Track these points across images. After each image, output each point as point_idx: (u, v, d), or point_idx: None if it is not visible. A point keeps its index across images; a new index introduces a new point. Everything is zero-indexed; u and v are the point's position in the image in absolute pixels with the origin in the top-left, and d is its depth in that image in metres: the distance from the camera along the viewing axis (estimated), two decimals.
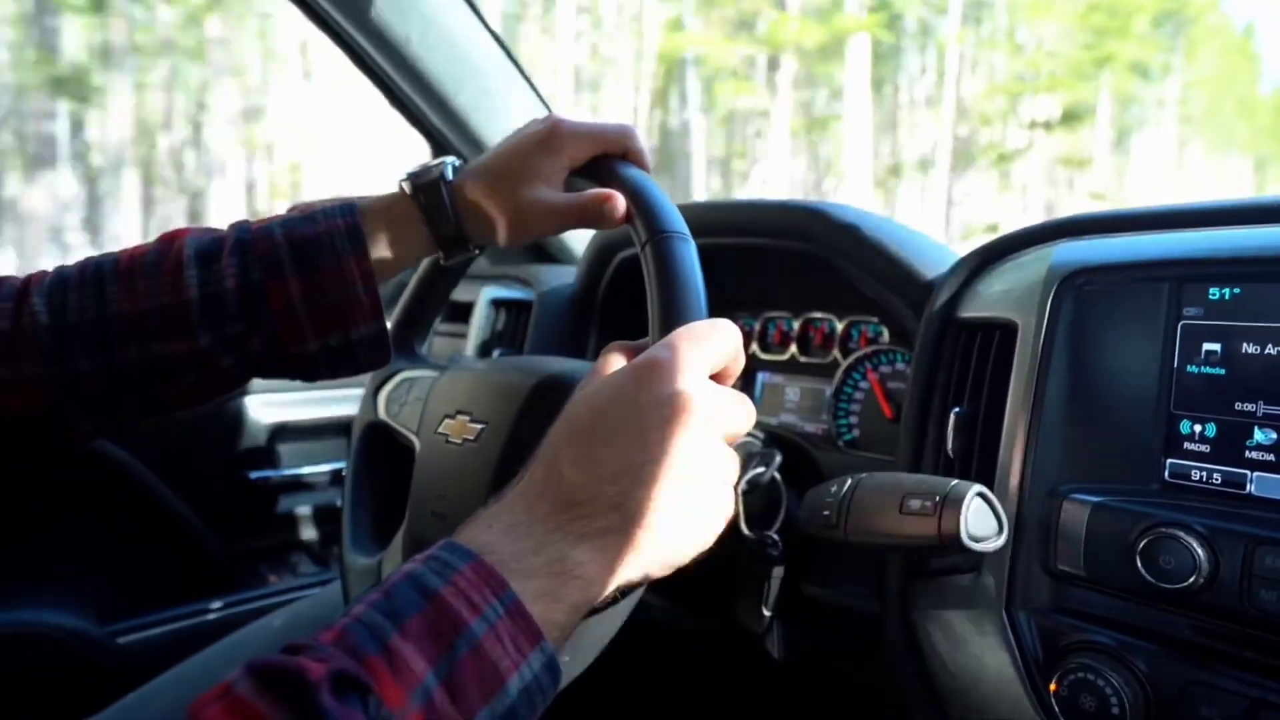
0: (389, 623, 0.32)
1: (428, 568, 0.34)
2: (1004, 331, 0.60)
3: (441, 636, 0.32)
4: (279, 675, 0.29)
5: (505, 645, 0.33)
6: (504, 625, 0.34)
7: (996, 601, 0.54)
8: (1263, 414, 0.48)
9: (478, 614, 0.33)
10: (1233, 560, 0.45)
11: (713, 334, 0.43)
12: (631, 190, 0.54)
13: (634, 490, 0.38)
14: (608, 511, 0.37)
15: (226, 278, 0.52)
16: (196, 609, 1.11)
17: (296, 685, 0.29)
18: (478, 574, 0.34)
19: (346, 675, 0.29)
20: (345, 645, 0.31)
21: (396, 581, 0.34)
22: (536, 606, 0.35)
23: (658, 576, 0.40)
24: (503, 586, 0.34)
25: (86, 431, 0.54)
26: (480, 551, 0.35)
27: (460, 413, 0.69)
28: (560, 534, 0.37)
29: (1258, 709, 0.43)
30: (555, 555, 0.36)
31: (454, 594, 0.33)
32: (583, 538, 0.37)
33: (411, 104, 1.04)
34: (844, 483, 0.54)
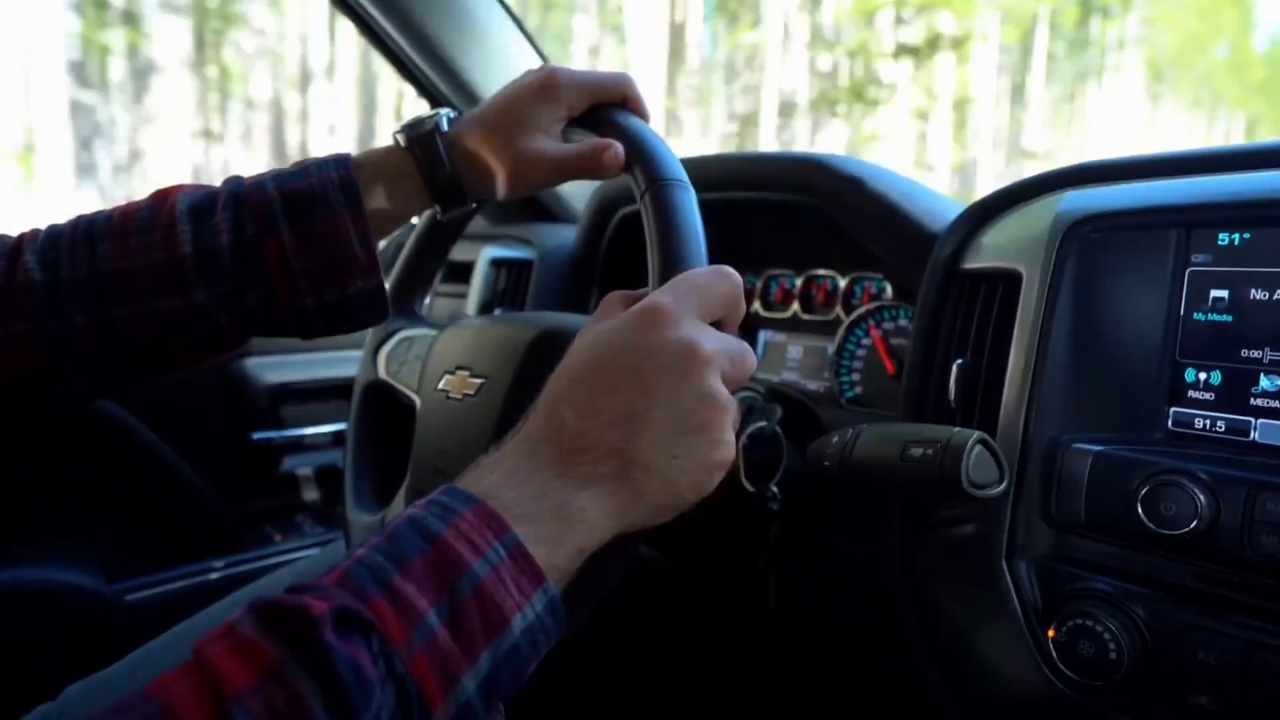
0: (391, 564, 0.32)
1: (429, 512, 0.35)
2: (1008, 282, 0.59)
3: (444, 577, 0.32)
4: (282, 613, 0.29)
5: (508, 586, 0.33)
6: (506, 567, 0.34)
7: (997, 551, 0.54)
8: (1269, 360, 0.48)
9: (480, 555, 0.33)
10: (1234, 506, 0.45)
11: (713, 280, 0.42)
12: (630, 139, 0.53)
13: (635, 435, 0.38)
14: (609, 457, 0.37)
15: (220, 233, 0.52)
16: (203, 567, 1.12)
17: (300, 622, 0.29)
18: (479, 517, 0.34)
19: (349, 612, 0.30)
20: (348, 585, 0.31)
21: (398, 525, 0.34)
22: (539, 550, 0.35)
23: (660, 521, 0.40)
24: (504, 529, 0.34)
25: (83, 390, 0.54)
26: (482, 496, 0.35)
27: (460, 368, 0.69)
28: (562, 480, 0.37)
29: (1255, 651, 0.43)
30: (557, 500, 0.36)
31: (456, 536, 0.33)
32: (585, 483, 0.37)
33: (406, 58, 1.02)
34: (846, 433, 0.54)
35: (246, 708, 0.27)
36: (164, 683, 0.28)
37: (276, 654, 0.28)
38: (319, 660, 0.28)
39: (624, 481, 0.38)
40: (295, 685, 0.28)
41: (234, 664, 0.28)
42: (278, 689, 0.27)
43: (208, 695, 0.27)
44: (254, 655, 0.28)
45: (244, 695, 0.27)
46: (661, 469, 0.38)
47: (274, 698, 0.27)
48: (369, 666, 0.29)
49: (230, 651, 0.29)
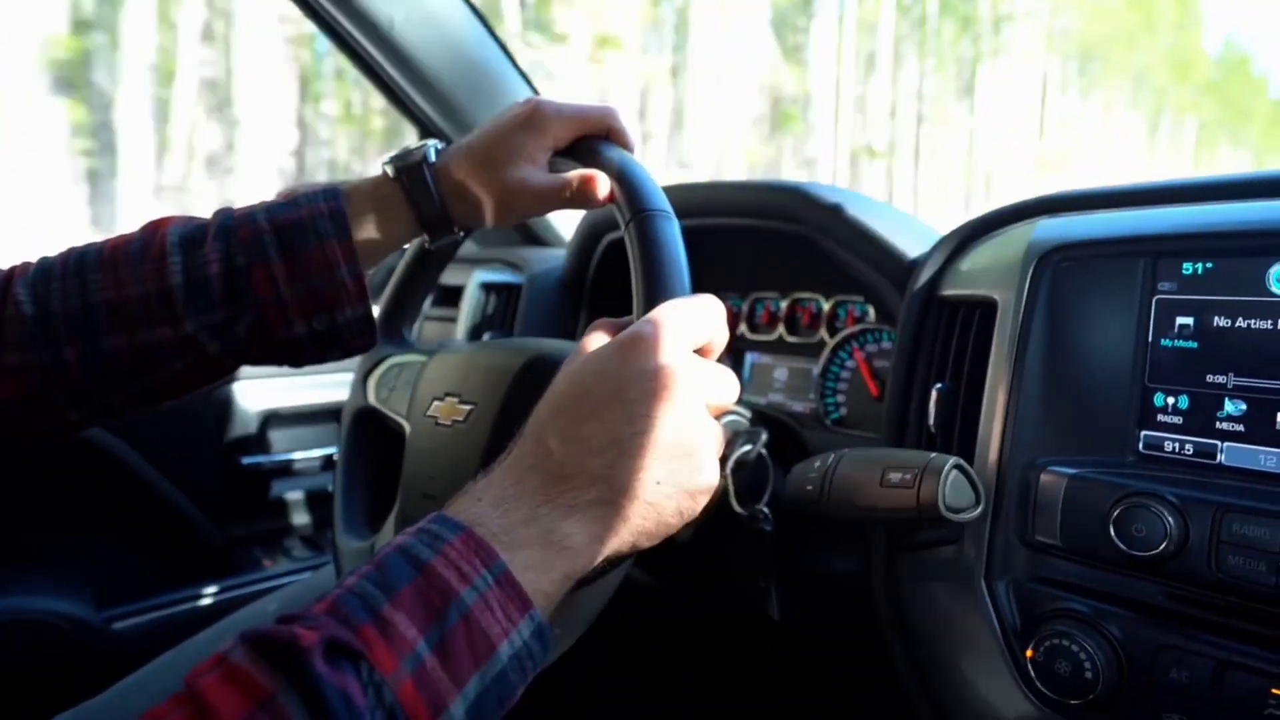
0: (381, 593, 0.33)
1: (418, 540, 0.35)
2: (985, 309, 0.60)
3: (432, 605, 0.33)
4: (273, 643, 0.30)
5: (495, 613, 0.34)
6: (494, 594, 0.34)
7: (976, 572, 0.55)
8: (1233, 386, 0.49)
9: (468, 583, 0.34)
10: (1202, 528, 0.46)
11: (695, 309, 0.44)
12: (615, 170, 0.54)
13: (620, 462, 0.38)
14: (595, 484, 0.38)
15: (210, 263, 0.53)
16: (191, 594, 1.12)
17: (290, 652, 0.29)
18: (467, 545, 0.35)
19: (339, 642, 0.30)
20: (338, 615, 0.32)
21: (388, 554, 0.35)
22: (526, 576, 0.36)
23: (646, 546, 0.41)
24: (493, 557, 0.35)
25: (74, 421, 0.54)
26: (470, 524, 0.36)
27: (449, 395, 0.70)
28: (549, 506, 0.38)
29: (1224, 669, 0.44)
30: (544, 527, 0.37)
31: (444, 564, 0.34)
32: (571, 510, 0.38)
33: (397, 87, 1.04)
34: (827, 458, 0.55)
35: None
36: (155, 715, 0.28)
37: (268, 684, 0.29)
38: (309, 690, 0.28)
39: (610, 507, 0.38)
40: (286, 714, 0.28)
41: (225, 694, 0.28)
42: (269, 719, 0.28)
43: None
44: (245, 685, 0.29)
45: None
46: (647, 495, 0.39)
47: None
48: (358, 695, 0.29)
49: (221, 682, 0.29)
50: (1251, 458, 0.48)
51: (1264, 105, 18.10)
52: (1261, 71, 19.39)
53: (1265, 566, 0.44)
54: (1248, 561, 0.44)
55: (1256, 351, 0.48)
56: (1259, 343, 0.48)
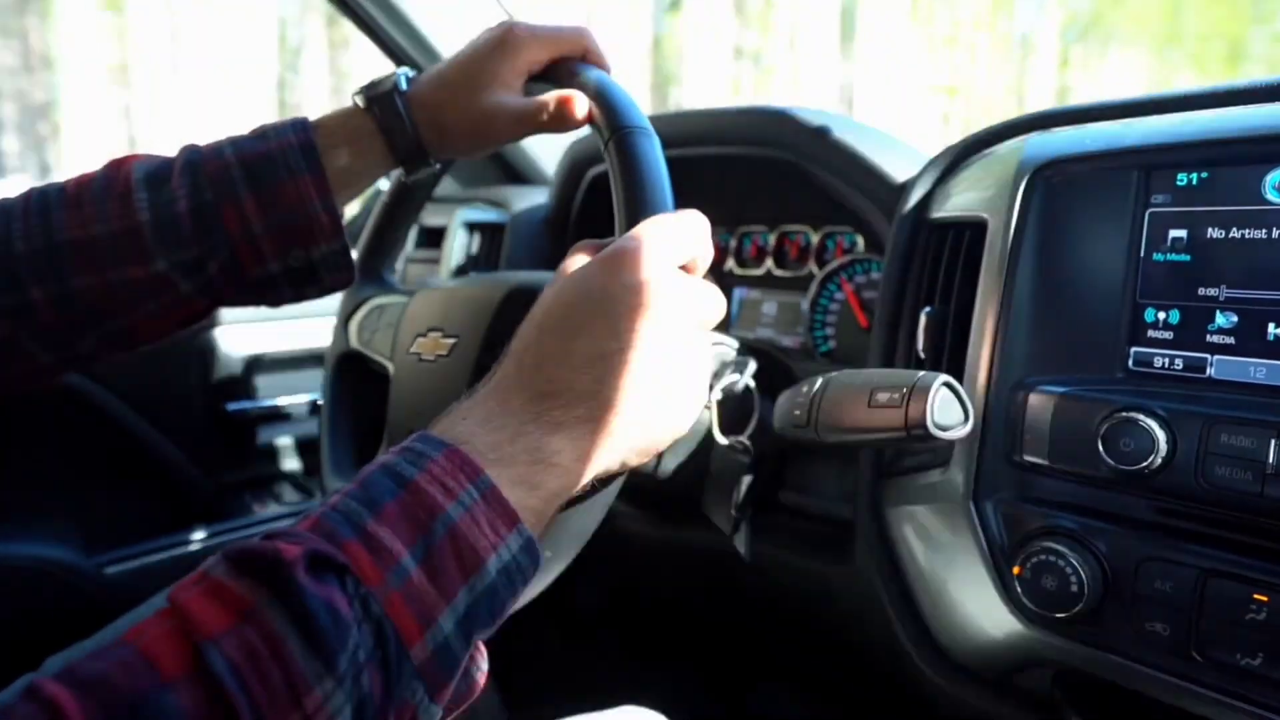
0: (365, 509, 0.32)
1: (402, 458, 0.35)
2: (974, 230, 0.59)
3: (418, 520, 0.32)
4: (255, 558, 0.30)
5: (482, 527, 0.34)
6: (480, 509, 0.34)
7: (964, 494, 0.55)
8: (1225, 298, 0.49)
9: (453, 498, 0.33)
10: (1189, 440, 0.46)
11: (679, 224, 0.43)
12: (592, 89, 0.53)
13: (607, 378, 0.38)
14: (583, 400, 0.38)
15: (178, 199, 0.51)
16: (182, 539, 1.12)
17: (272, 565, 0.29)
18: (452, 461, 0.34)
19: (323, 555, 0.30)
20: (322, 531, 0.31)
21: (371, 471, 0.34)
22: (513, 493, 0.35)
23: (635, 464, 0.40)
24: (478, 472, 0.35)
25: (46, 365, 0.53)
26: (455, 441, 0.36)
27: (432, 330, 0.69)
28: (536, 424, 0.37)
29: (1208, 578, 0.45)
30: (531, 444, 0.37)
31: (429, 480, 0.33)
32: (559, 426, 0.37)
33: (365, 14, 1.00)
34: (814, 382, 0.55)
35: (222, 649, 0.27)
36: (139, 629, 0.28)
37: (250, 597, 0.28)
38: (293, 601, 0.28)
39: (598, 424, 0.38)
40: (270, 626, 0.28)
41: (208, 608, 0.28)
42: (253, 630, 0.28)
43: (183, 639, 0.27)
44: (228, 599, 0.29)
45: (219, 638, 0.27)
46: (634, 410, 0.38)
47: (249, 639, 0.27)
48: (344, 607, 0.29)
49: (204, 596, 0.29)
50: (1241, 370, 0.48)
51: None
52: None
53: (1251, 476, 0.44)
54: (1234, 471, 0.44)
55: (1251, 261, 0.48)
56: (1254, 252, 0.47)
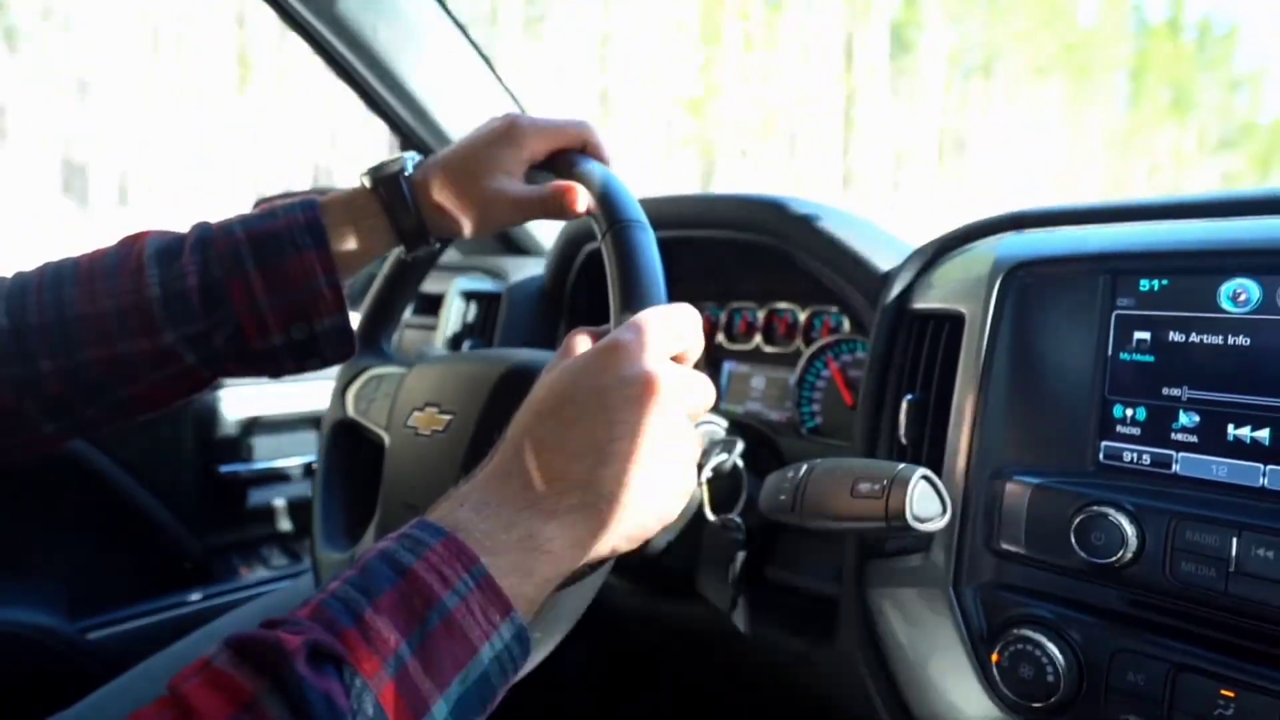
0: (363, 597, 0.33)
1: (400, 545, 0.36)
2: (953, 322, 0.62)
3: (414, 609, 0.33)
4: (256, 647, 0.30)
5: (476, 616, 0.35)
6: (475, 597, 0.35)
7: (944, 579, 0.57)
8: (1187, 398, 0.51)
9: (449, 587, 0.34)
10: (1157, 535, 0.48)
11: (672, 317, 0.45)
12: (591, 182, 0.55)
13: (600, 468, 0.39)
14: (576, 489, 0.39)
15: (188, 275, 0.53)
16: (167, 603, 1.11)
17: (274, 656, 0.30)
18: (449, 550, 0.36)
19: (322, 646, 0.31)
20: (320, 619, 0.32)
21: (370, 559, 0.35)
22: (507, 580, 0.36)
23: (625, 550, 0.42)
24: (473, 561, 0.36)
25: (49, 434, 0.55)
26: (452, 529, 0.37)
27: (429, 405, 0.70)
28: (530, 512, 0.38)
29: (1178, 672, 0.46)
30: (525, 532, 0.38)
31: (426, 569, 0.35)
32: (552, 515, 0.39)
33: (378, 97, 1.04)
34: (800, 468, 0.57)
35: None
36: (140, 717, 0.29)
37: (251, 687, 0.29)
38: (292, 693, 0.29)
39: (590, 512, 0.39)
40: (269, 717, 0.28)
41: (210, 698, 0.29)
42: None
43: None
44: (229, 689, 0.29)
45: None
46: (626, 499, 0.40)
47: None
48: (341, 698, 0.30)
49: (205, 686, 0.29)
50: (1204, 467, 0.50)
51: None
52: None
53: (1215, 573, 0.45)
54: (1199, 568, 0.46)
55: (1209, 365, 0.50)
56: (1211, 357, 0.50)
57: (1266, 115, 22.92)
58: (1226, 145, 21.78)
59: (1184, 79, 11.90)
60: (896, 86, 12.70)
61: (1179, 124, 21.20)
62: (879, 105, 12.32)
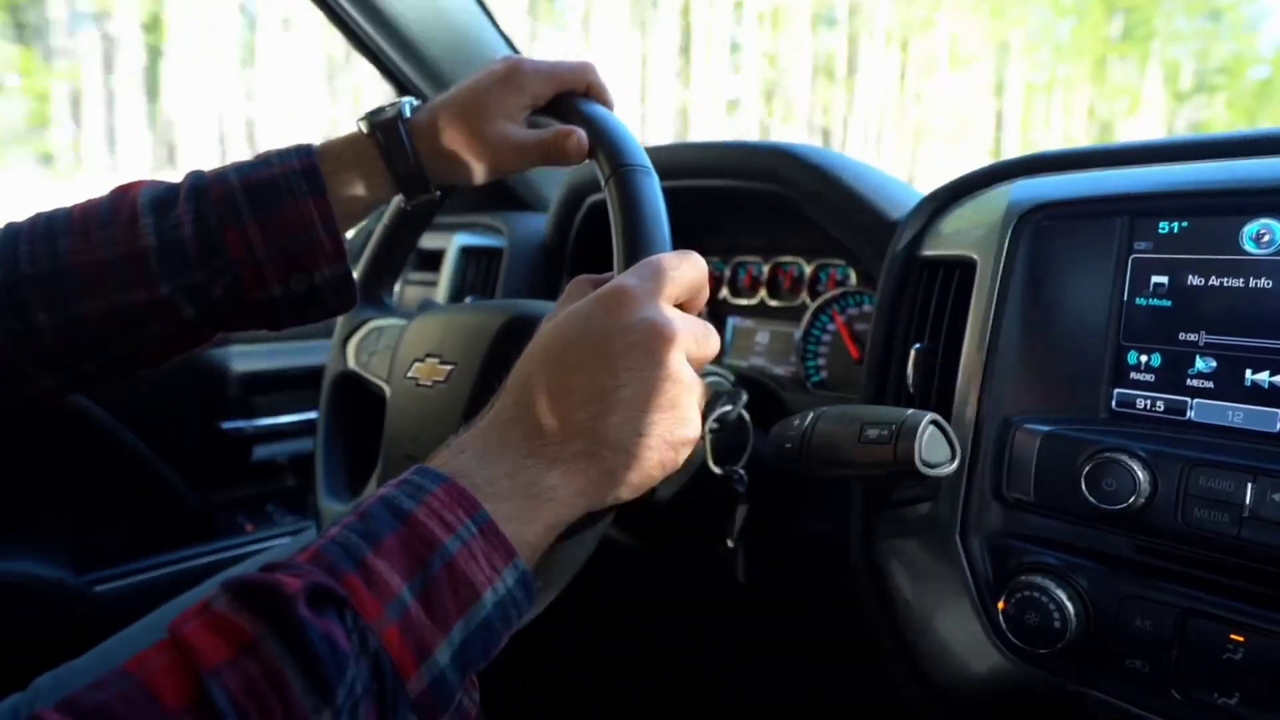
0: (364, 542, 0.33)
1: (401, 491, 0.35)
2: (964, 269, 0.61)
3: (416, 554, 0.33)
4: (256, 590, 0.30)
5: (479, 562, 0.34)
6: (477, 543, 0.35)
7: (952, 528, 0.56)
8: (1204, 343, 0.50)
9: (451, 532, 0.34)
10: (1170, 481, 0.47)
11: (677, 264, 0.44)
12: (594, 125, 0.54)
13: (604, 415, 0.39)
14: (579, 436, 0.38)
15: (183, 224, 0.52)
16: (173, 558, 1.12)
17: (273, 598, 0.29)
18: (450, 495, 0.35)
19: (323, 589, 0.30)
20: (321, 563, 0.32)
21: (370, 505, 0.35)
22: (509, 527, 0.36)
23: (629, 498, 0.41)
24: (475, 507, 0.35)
25: (47, 388, 0.54)
26: (453, 475, 0.36)
27: (430, 355, 0.69)
28: (533, 459, 0.38)
29: (1187, 617, 0.46)
30: (528, 479, 0.37)
31: (428, 514, 0.34)
32: (555, 462, 0.38)
33: (374, 44, 1.02)
34: (806, 416, 0.56)
35: (223, 681, 0.27)
36: (141, 659, 0.29)
37: (252, 629, 0.29)
38: (294, 634, 0.29)
39: (593, 460, 0.39)
40: (271, 659, 0.28)
41: (209, 640, 0.29)
42: (254, 663, 0.28)
43: (184, 670, 0.28)
44: (229, 631, 0.29)
45: (220, 669, 0.28)
46: (629, 447, 0.39)
47: (250, 671, 0.28)
48: (343, 640, 0.29)
49: (205, 628, 0.29)
50: (1220, 414, 0.49)
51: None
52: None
53: (1229, 518, 0.45)
54: (1212, 514, 0.45)
55: (1228, 309, 0.49)
56: (1231, 301, 0.49)
57: (1255, 50, 16.74)
58: (1202, 89, 17.41)
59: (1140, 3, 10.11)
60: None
61: (1134, 62, 17.05)
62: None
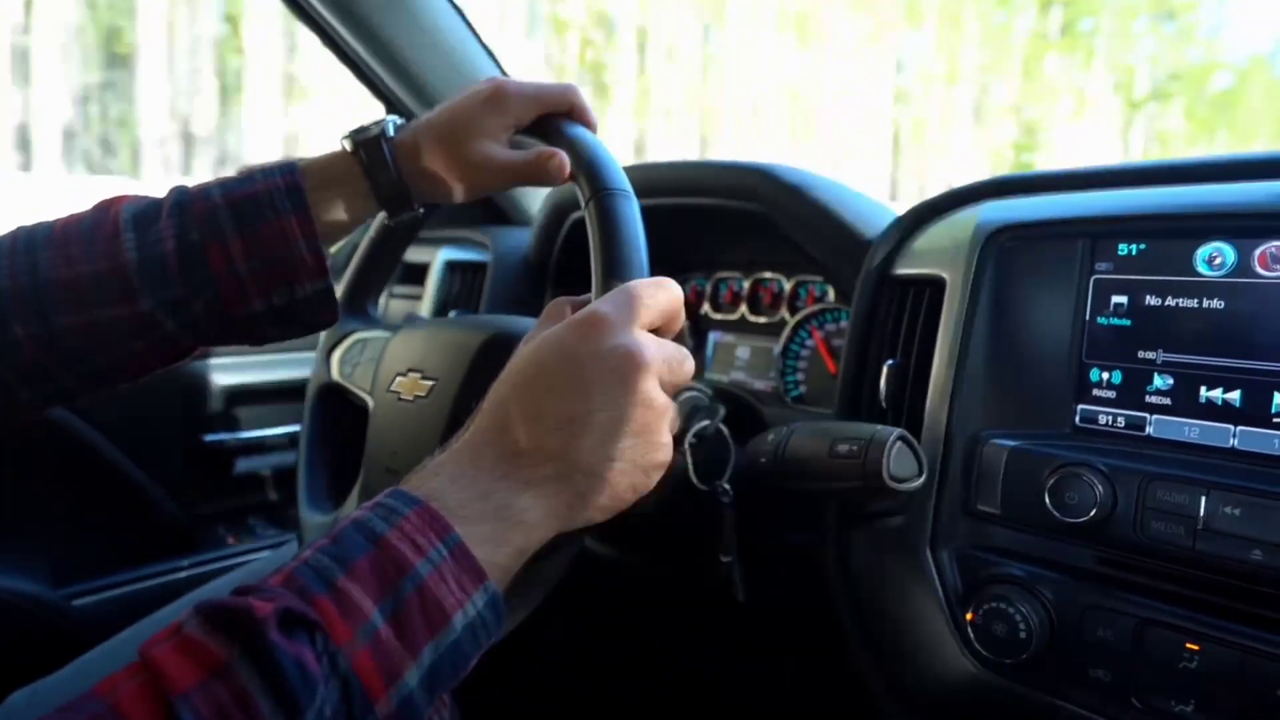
0: (336, 565, 0.33)
1: (374, 514, 0.36)
2: (934, 287, 0.62)
3: (387, 577, 0.33)
4: (227, 614, 0.30)
5: (449, 585, 0.35)
6: (448, 566, 0.35)
7: (922, 541, 0.58)
8: (1162, 361, 0.52)
9: (422, 555, 0.34)
10: (1129, 495, 0.49)
11: (653, 290, 0.44)
12: (576, 148, 0.55)
13: (576, 440, 0.39)
14: (551, 460, 0.39)
15: (164, 239, 0.52)
16: (153, 572, 1.11)
17: (245, 623, 0.30)
18: (422, 519, 0.36)
19: (294, 613, 0.31)
20: (293, 586, 0.32)
21: (344, 528, 0.35)
22: (481, 550, 0.36)
23: (599, 521, 0.42)
24: (447, 530, 0.36)
25: (25, 402, 0.54)
26: (426, 498, 0.37)
27: (412, 370, 0.70)
28: (505, 482, 0.39)
29: (1145, 627, 0.47)
30: (500, 502, 0.38)
31: (399, 537, 0.34)
32: (527, 485, 0.39)
33: (363, 63, 1.03)
34: (780, 431, 0.57)
35: (192, 705, 0.27)
36: (111, 682, 0.29)
37: (222, 653, 0.29)
38: (264, 659, 0.29)
39: (565, 483, 0.39)
40: (241, 683, 0.28)
41: (180, 663, 0.29)
42: (223, 687, 0.28)
43: (154, 694, 0.28)
44: (200, 654, 0.29)
45: (190, 693, 0.28)
46: (601, 471, 0.40)
47: (220, 695, 0.28)
48: (313, 664, 0.30)
49: (176, 651, 0.29)
50: (1177, 429, 0.51)
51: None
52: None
53: (1184, 530, 0.46)
54: (1169, 526, 0.47)
55: (1183, 329, 0.51)
56: (1186, 321, 0.51)
57: (1218, 57, 13.68)
58: (1157, 96, 15.04)
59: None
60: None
61: (1077, 62, 14.63)
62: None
